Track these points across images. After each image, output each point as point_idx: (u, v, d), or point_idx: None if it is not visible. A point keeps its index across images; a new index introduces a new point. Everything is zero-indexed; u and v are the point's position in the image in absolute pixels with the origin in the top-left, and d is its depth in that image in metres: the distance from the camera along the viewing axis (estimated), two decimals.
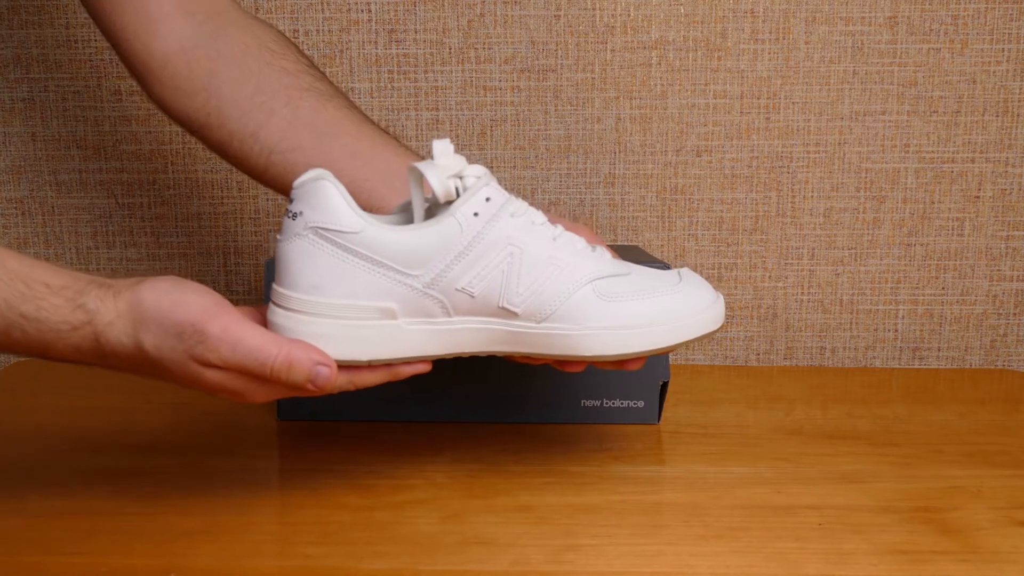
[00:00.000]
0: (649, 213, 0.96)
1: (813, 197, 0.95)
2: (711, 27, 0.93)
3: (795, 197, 0.95)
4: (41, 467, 0.66)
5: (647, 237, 0.97)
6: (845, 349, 0.98)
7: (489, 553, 0.54)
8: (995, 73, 0.93)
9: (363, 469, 0.66)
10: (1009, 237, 0.96)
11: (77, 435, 0.73)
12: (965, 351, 0.98)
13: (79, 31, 0.94)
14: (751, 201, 0.96)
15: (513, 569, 0.52)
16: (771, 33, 0.93)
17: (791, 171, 0.95)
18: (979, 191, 0.95)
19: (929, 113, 0.94)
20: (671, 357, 0.92)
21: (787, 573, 0.52)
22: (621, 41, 0.93)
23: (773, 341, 0.98)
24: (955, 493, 0.62)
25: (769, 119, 0.94)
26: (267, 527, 0.57)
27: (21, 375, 0.90)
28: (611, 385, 0.75)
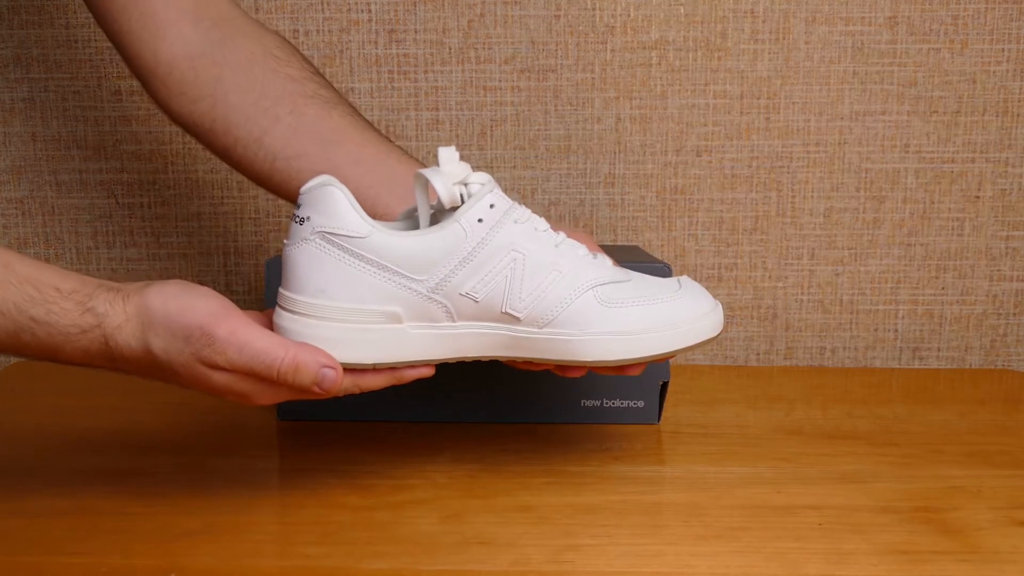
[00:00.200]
0: (649, 213, 0.96)
1: (813, 197, 0.95)
2: (711, 27, 0.93)
3: (795, 197, 0.95)
4: (41, 467, 0.66)
5: (647, 237, 0.97)
6: (845, 349, 0.98)
7: (489, 553, 0.54)
8: (995, 73, 0.93)
9: (363, 469, 0.66)
10: (1009, 237, 0.96)
11: (77, 435, 0.73)
12: (965, 351, 0.98)
13: (79, 31, 0.94)
14: (751, 201, 0.96)
15: (513, 569, 0.52)
16: (771, 33, 0.93)
17: (791, 171, 0.95)
18: (979, 191, 0.95)
19: (929, 113, 0.94)
20: None
21: (787, 573, 0.52)
22: (621, 41, 0.93)
23: (773, 341, 0.98)
24: (955, 493, 0.62)
25: (769, 119, 0.94)
26: (267, 527, 0.57)
27: (21, 375, 0.90)
28: (611, 385, 0.75)
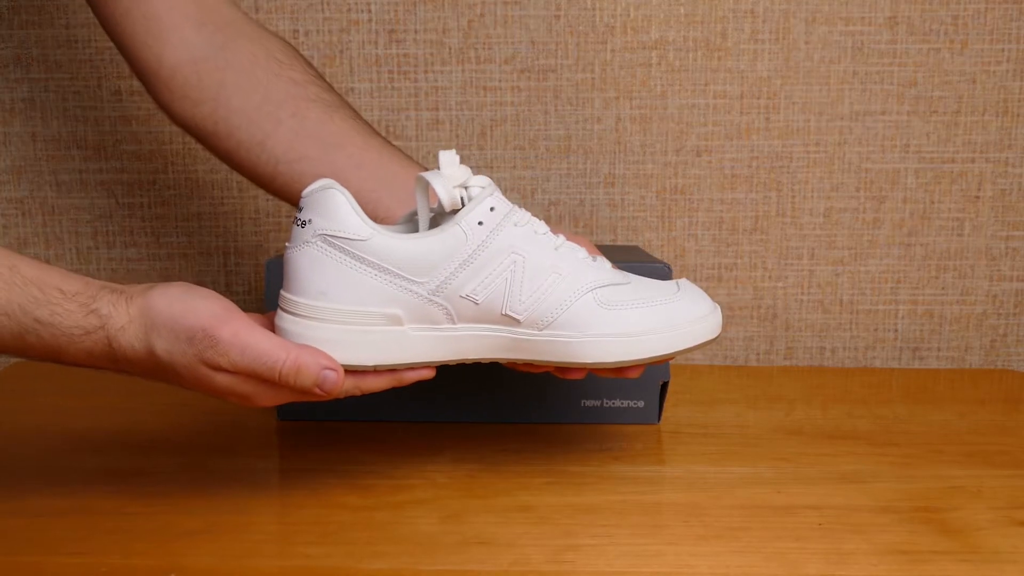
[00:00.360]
0: (649, 213, 0.96)
1: (813, 197, 0.95)
2: (711, 27, 0.93)
3: (795, 197, 0.95)
4: (41, 467, 0.66)
5: (647, 237, 0.97)
6: (845, 349, 0.98)
7: (489, 553, 0.54)
8: (995, 73, 0.93)
9: (363, 469, 0.66)
10: (1009, 237, 0.96)
11: (77, 435, 0.73)
12: (965, 351, 0.98)
13: (79, 31, 0.94)
14: (751, 201, 0.96)
15: (513, 569, 0.52)
16: (771, 33, 0.93)
17: (791, 171, 0.95)
18: (979, 191, 0.95)
19: (929, 113, 0.94)
20: None
21: (787, 573, 0.52)
22: (621, 41, 0.93)
23: (773, 341, 0.98)
24: (955, 493, 0.62)
25: (769, 119, 0.94)
26: (267, 527, 0.57)
27: (21, 375, 0.90)
28: (611, 385, 0.75)
